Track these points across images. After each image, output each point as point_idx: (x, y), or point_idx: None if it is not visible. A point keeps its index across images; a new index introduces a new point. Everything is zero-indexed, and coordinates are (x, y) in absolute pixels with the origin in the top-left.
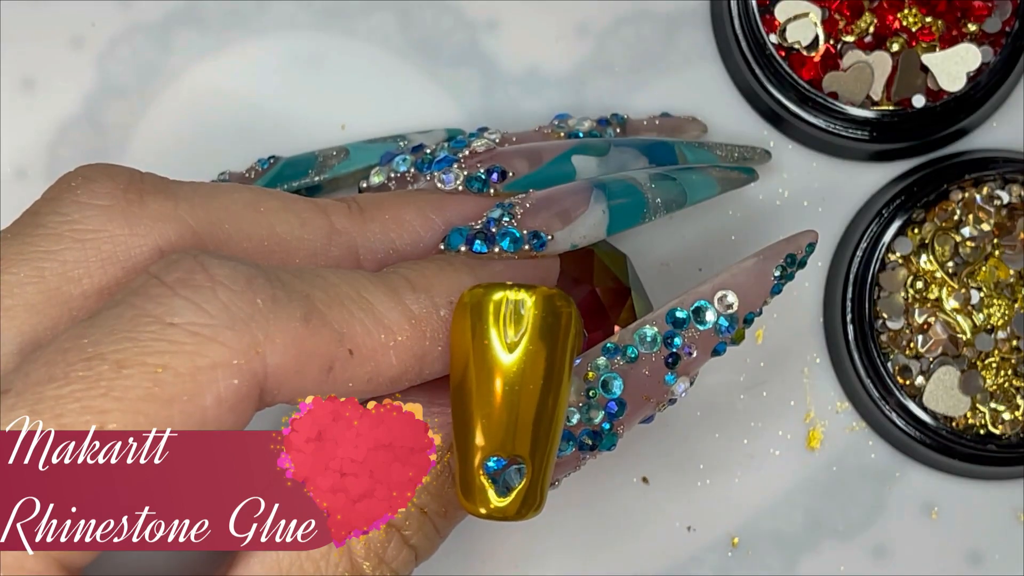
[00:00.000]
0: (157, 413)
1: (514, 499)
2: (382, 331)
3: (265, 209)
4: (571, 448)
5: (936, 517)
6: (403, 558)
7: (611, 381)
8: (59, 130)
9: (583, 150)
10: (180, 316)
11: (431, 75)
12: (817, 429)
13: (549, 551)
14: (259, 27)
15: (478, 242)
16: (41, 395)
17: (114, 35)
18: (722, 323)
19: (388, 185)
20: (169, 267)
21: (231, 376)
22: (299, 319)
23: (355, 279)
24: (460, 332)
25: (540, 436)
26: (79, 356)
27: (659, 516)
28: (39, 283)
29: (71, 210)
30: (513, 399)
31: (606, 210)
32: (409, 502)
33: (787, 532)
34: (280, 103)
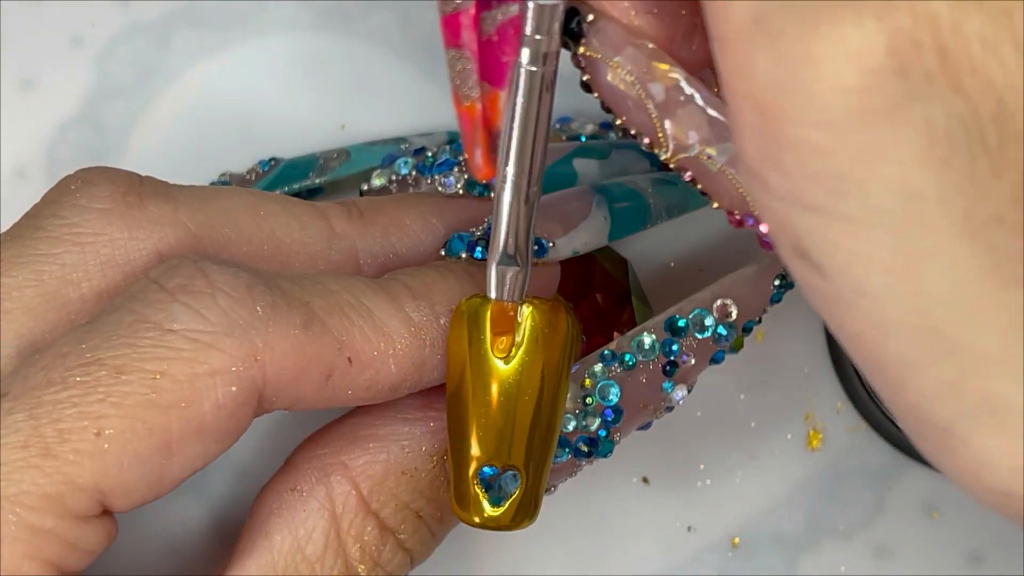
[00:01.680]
0: (155, 419)
1: (508, 508)
2: (381, 339)
3: (265, 213)
4: (567, 455)
5: (936, 517)
6: (398, 561)
7: (608, 388)
8: (58, 130)
9: (584, 152)
10: (179, 322)
11: (431, 75)
12: (817, 429)
13: (549, 551)
14: (259, 27)
15: (479, 248)
16: (39, 399)
17: (114, 35)
18: (721, 331)
19: (389, 188)
20: (169, 272)
21: (230, 383)
22: (298, 326)
23: (355, 286)
24: (457, 340)
25: (535, 446)
26: (77, 361)
27: (659, 516)
28: (38, 286)
29: (70, 213)
30: (509, 408)
31: (608, 216)
32: (405, 505)
33: (787, 532)
34: (280, 103)
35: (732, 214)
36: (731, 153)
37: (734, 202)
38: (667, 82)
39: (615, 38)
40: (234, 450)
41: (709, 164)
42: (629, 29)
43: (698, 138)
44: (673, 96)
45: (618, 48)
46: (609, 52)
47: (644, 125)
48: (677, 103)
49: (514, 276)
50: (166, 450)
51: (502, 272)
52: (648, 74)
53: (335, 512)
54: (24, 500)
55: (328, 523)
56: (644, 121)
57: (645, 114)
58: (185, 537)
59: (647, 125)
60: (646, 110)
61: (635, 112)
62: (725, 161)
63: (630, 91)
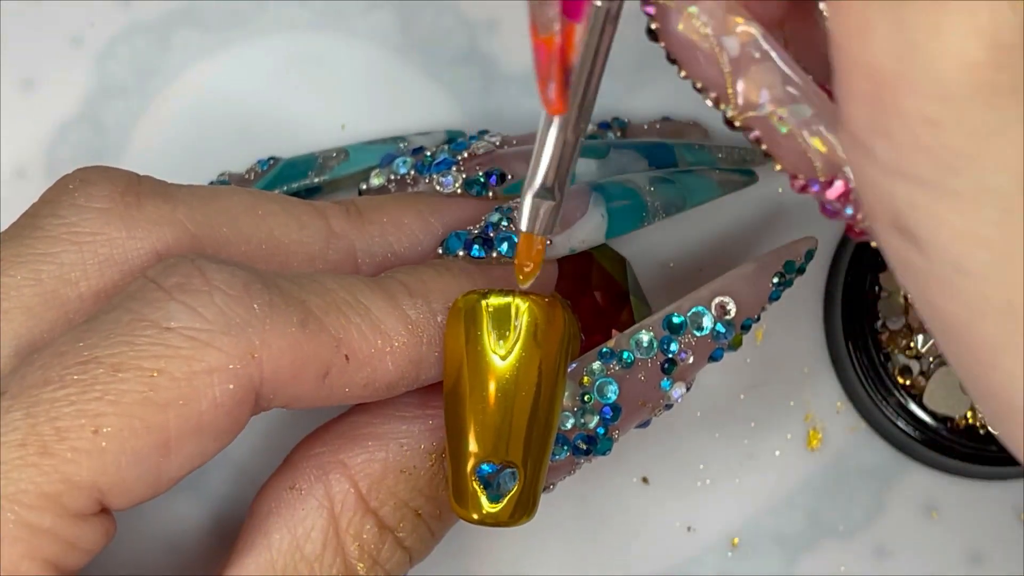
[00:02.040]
0: (152, 417)
1: (506, 505)
2: (379, 337)
3: (263, 212)
4: (565, 453)
5: (936, 517)
6: (397, 559)
7: (606, 386)
8: (58, 130)
9: (582, 152)
10: (177, 320)
11: (431, 75)
12: (817, 429)
13: (548, 551)
14: (259, 27)
15: (476, 247)
16: (36, 398)
17: (113, 35)
18: (719, 329)
19: (388, 187)
20: (166, 271)
21: (227, 381)
22: (296, 324)
23: (352, 284)
24: (454, 337)
25: (533, 442)
26: (75, 359)
27: (659, 516)
28: (36, 286)
29: (68, 213)
30: (506, 405)
31: (605, 214)
32: (404, 504)
33: (787, 532)
34: (280, 103)
35: (796, 178)
36: (804, 116)
37: (799, 166)
38: (744, 37)
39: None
40: (233, 449)
41: (779, 125)
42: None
43: (770, 97)
44: (748, 52)
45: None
46: (685, 1)
47: (713, 80)
48: (751, 59)
49: (548, 209)
50: (164, 448)
51: (537, 204)
52: (723, 27)
53: (334, 511)
54: (22, 499)
55: (327, 522)
56: (714, 75)
57: (716, 68)
58: (184, 536)
59: (716, 80)
60: (718, 64)
61: (705, 66)
62: (797, 123)
63: (702, 43)
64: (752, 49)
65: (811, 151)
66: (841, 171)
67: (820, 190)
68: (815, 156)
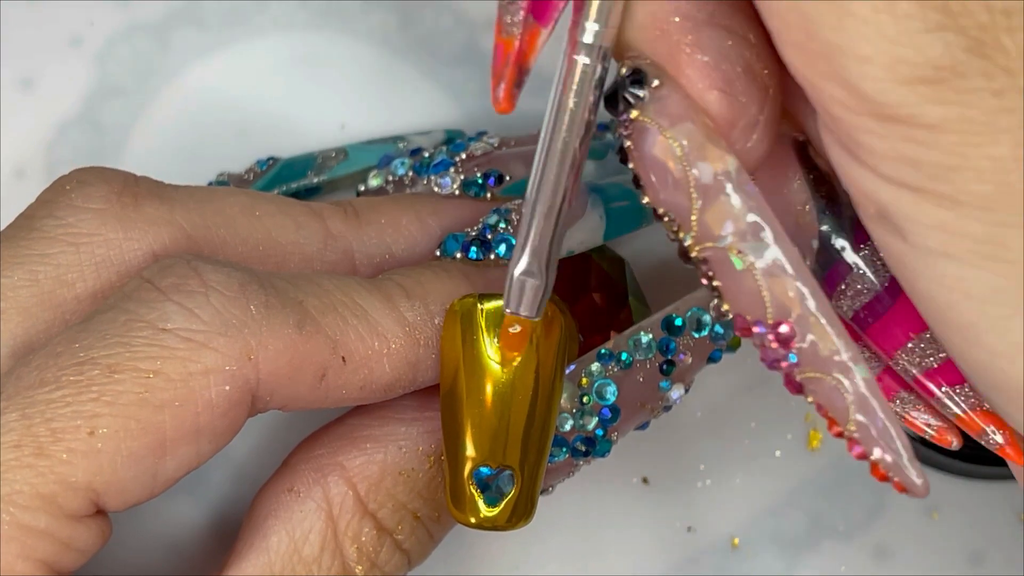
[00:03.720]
0: (148, 418)
1: (504, 508)
2: (376, 338)
3: (260, 213)
4: (564, 454)
5: (936, 517)
6: (396, 562)
7: (605, 387)
8: (58, 130)
9: None
10: (173, 321)
11: (431, 75)
12: (817, 429)
13: (548, 551)
14: (259, 27)
15: (474, 248)
16: (32, 399)
17: (113, 35)
18: (718, 330)
19: (386, 188)
20: (163, 272)
21: (223, 382)
22: (292, 326)
23: (349, 286)
24: (450, 339)
25: (530, 445)
26: (71, 360)
27: (659, 516)
28: (33, 286)
29: (66, 213)
30: (503, 408)
31: (603, 215)
32: (402, 506)
33: (787, 532)
34: (279, 103)
35: (742, 318)
36: (762, 256)
37: (750, 307)
38: (719, 165)
39: (676, 109)
40: (232, 450)
41: (736, 259)
42: (695, 103)
43: (733, 230)
44: (720, 182)
45: (675, 120)
46: (664, 122)
47: (677, 205)
48: (722, 190)
49: (534, 288)
50: (160, 449)
51: (521, 283)
52: (700, 153)
53: (332, 513)
54: (17, 499)
55: (325, 524)
56: (679, 201)
57: (684, 194)
58: (182, 537)
59: (681, 206)
60: (687, 190)
61: (672, 190)
62: (755, 261)
63: (675, 166)
64: (725, 180)
65: (764, 291)
66: (789, 317)
67: (766, 332)
68: (767, 298)
